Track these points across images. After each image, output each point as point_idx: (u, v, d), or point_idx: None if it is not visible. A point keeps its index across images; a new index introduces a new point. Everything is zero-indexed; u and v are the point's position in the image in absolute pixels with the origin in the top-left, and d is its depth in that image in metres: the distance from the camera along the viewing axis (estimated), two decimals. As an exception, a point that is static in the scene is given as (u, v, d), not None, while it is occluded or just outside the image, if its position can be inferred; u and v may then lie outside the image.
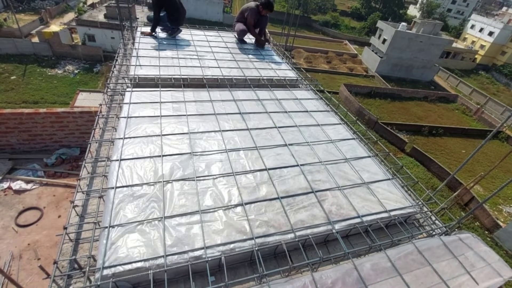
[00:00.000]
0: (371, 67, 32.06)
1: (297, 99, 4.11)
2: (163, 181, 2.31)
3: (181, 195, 2.24)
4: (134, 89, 3.51)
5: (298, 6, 43.23)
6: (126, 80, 3.81)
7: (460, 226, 2.84)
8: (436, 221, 2.63)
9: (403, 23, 31.14)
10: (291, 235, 2.08)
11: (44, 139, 6.61)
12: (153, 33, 5.24)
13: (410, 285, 1.91)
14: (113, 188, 2.18)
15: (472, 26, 43.59)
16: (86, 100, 11.03)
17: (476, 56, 40.61)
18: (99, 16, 27.20)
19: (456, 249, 2.23)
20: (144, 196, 2.18)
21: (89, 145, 2.64)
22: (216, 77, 4.18)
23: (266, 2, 5.38)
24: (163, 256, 1.78)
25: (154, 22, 5.11)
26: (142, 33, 5.27)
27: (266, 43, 5.88)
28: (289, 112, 3.70)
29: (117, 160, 2.44)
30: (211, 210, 2.16)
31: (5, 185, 5.68)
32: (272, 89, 4.22)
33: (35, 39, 23.79)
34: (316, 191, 2.49)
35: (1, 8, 30.57)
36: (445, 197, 14.35)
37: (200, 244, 1.90)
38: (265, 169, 2.63)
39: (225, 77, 4.23)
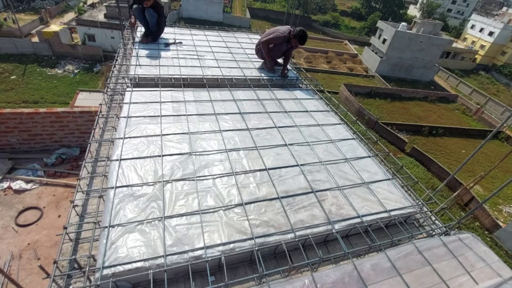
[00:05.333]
0: (371, 67, 32.05)
1: (297, 99, 4.11)
2: (163, 181, 2.31)
3: (181, 195, 2.24)
4: (134, 89, 3.51)
5: (298, 6, 43.27)
6: (126, 80, 3.81)
7: (460, 226, 2.85)
8: (436, 221, 2.63)
9: (403, 23, 31.12)
10: (291, 235, 2.08)
11: (44, 138, 6.61)
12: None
13: (410, 285, 1.91)
14: (113, 188, 2.18)
15: (472, 26, 43.57)
16: (86, 100, 11.03)
17: (476, 56, 40.59)
18: (99, 15, 27.17)
19: (456, 249, 2.23)
20: (144, 196, 2.18)
21: (89, 145, 2.64)
22: (216, 77, 4.18)
23: (300, 33, 4.31)
24: (163, 256, 1.79)
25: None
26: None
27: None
28: (289, 112, 3.70)
29: (117, 160, 2.44)
30: (211, 210, 2.16)
31: (5, 184, 5.67)
32: (272, 89, 4.22)
33: (35, 39, 23.78)
34: (316, 191, 2.49)
35: (1, 7, 30.55)
36: (445, 197, 14.35)
37: (200, 244, 1.90)
38: (265, 169, 2.63)
39: (225, 77, 4.23)
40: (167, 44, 5.02)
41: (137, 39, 5.03)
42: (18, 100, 17.71)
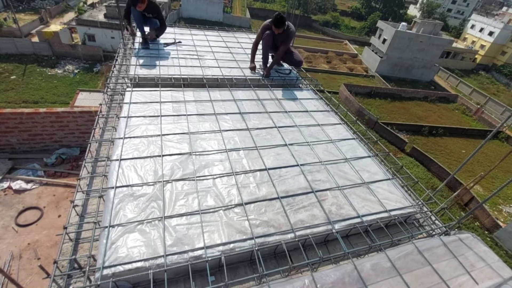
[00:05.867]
0: (371, 67, 32.04)
1: (297, 99, 4.11)
2: (163, 181, 2.31)
3: (181, 195, 2.24)
4: (134, 89, 3.51)
5: (298, 6, 43.24)
6: (126, 80, 3.81)
7: (460, 226, 2.85)
8: (436, 221, 2.63)
9: (403, 23, 31.11)
10: (291, 235, 2.08)
11: (44, 138, 6.60)
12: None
13: (410, 285, 1.91)
14: (113, 188, 2.18)
15: (472, 26, 43.55)
16: (86, 100, 11.02)
17: (476, 56, 40.56)
18: (99, 15, 27.17)
19: (456, 249, 2.23)
20: (144, 196, 2.18)
21: (89, 145, 2.65)
22: (216, 77, 4.18)
23: (274, 17, 4.21)
24: (163, 256, 1.79)
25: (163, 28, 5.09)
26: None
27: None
28: (289, 112, 3.70)
29: (117, 160, 2.44)
30: (211, 210, 2.17)
31: (5, 184, 5.67)
32: (272, 89, 4.22)
33: (35, 39, 23.78)
34: (316, 191, 2.49)
35: (1, 7, 30.55)
36: (445, 197, 14.35)
37: (200, 244, 1.90)
38: (265, 169, 2.63)
39: (225, 77, 4.23)
40: (167, 44, 5.02)
41: (137, 45, 4.97)
42: (18, 100, 17.71)
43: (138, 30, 5.09)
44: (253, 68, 4.68)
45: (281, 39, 4.44)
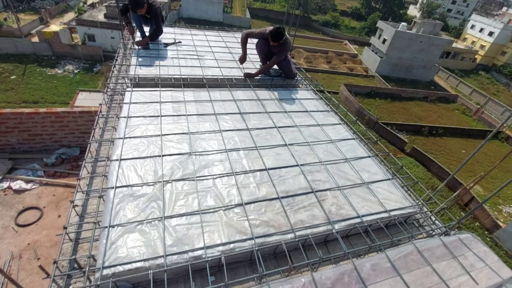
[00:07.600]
0: (371, 67, 32.05)
1: (297, 99, 4.11)
2: (163, 181, 2.31)
3: (181, 195, 2.24)
4: (134, 89, 3.51)
5: (298, 6, 43.26)
6: (126, 80, 3.81)
7: (460, 226, 2.85)
8: (436, 221, 2.63)
9: (403, 23, 31.11)
10: (291, 235, 2.08)
11: (44, 138, 6.60)
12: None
13: (410, 285, 1.91)
14: (113, 188, 2.18)
15: (472, 26, 43.57)
16: (86, 100, 11.03)
17: (476, 56, 40.58)
18: (99, 16, 27.19)
19: (456, 249, 2.23)
20: (144, 196, 2.18)
21: (89, 145, 2.64)
22: (216, 77, 4.18)
23: (273, 30, 4.08)
24: (163, 256, 1.78)
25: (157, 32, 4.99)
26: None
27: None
28: (289, 112, 3.70)
29: (117, 160, 2.44)
30: (211, 210, 2.16)
31: (5, 184, 5.67)
32: (272, 89, 4.22)
33: (35, 39, 23.81)
34: (316, 191, 2.49)
35: (1, 7, 30.55)
36: (445, 197, 14.35)
37: (200, 244, 1.90)
38: (265, 169, 2.63)
39: (225, 77, 4.23)
40: (167, 44, 5.02)
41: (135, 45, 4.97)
42: (18, 100, 17.72)
43: (137, 30, 5.08)
44: (242, 61, 4.55)
45: (276, 49, 4.32)
